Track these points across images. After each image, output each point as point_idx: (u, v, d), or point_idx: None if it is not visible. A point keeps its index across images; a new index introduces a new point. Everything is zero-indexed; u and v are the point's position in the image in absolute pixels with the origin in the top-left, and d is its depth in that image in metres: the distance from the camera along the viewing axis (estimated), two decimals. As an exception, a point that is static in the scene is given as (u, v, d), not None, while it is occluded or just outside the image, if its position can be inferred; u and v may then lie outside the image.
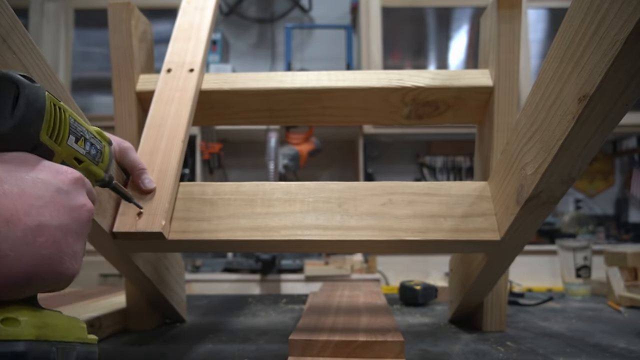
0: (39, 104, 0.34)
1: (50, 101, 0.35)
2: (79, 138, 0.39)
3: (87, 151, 0.41)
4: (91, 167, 0.42)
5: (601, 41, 0.36)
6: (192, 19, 0.79)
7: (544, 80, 0.46)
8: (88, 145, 0.41)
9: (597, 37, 0.37)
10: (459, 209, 0.61)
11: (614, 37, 0.34)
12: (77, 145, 0.39)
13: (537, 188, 0.49)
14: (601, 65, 0.36)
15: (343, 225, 0.60)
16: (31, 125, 0.34)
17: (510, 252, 0.61)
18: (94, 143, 0.42)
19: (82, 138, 0.40)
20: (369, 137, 2.37)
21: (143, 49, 0.76)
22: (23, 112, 0.33)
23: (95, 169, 0.43)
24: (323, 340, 0.53)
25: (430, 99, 0.74)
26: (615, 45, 0.34)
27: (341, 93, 0.74)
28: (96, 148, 0.43)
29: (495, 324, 0.74)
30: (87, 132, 0.41)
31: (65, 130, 0.37)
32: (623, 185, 2.64)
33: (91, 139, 0.42)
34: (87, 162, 0.41)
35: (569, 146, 0.43)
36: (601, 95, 0.38)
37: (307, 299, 0.93)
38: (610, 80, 0.36)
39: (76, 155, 0.39)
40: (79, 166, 0.40)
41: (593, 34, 0.37)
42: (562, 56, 0.42)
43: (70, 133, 0.38)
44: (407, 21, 2.46)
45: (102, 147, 0.44)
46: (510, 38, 0.69)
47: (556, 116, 0.44)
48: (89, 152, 0.41)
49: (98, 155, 0.43)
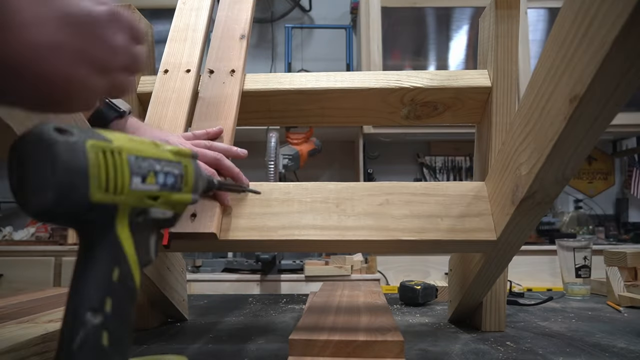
0: (78, 162, 0.29)
1: (95, 151, 0.30)
2: (147, 175, 0.34)
3: (161, 184, 0.36)
4: (172, 198, 0.37)
5: (591, 42, 0.36)
6: (188, 19, 0.80)
7: (537, 82, 0.47)
8: (161, 177, 0.36)
9: (587, 38, 0.37)
10: (455, 209, 0.62)
11: (603, 38, 0.34)
12: (146, 184, 0.34)
13: (531, 188, 0.49)
14: (591, 66, 0.36)
15: (340, 225, 0.61)
16: (74, 191, 0.29)
17: (507, 251, 0.61)
18: (170, 170, 0.37)
19: (150, 173, 0.34)
20: (369, 137, 2.37)
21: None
22: (61, 180, 0.28)
23: (178, 197, 0.38)
24: (323, 340, 0.53)
25: (428, 99, 0.74)
26: (604, 46, 0.34)
27: (340, 94, 0.74)
28: (174, 174, 0.37)
29: (494, 323, 0.74)
30: (157, 162, 0.35)
31: (124, 175, 0.32)
32: (623, 185, 2.64)
33: (164, 167, 0.36)
34: (166, 194, 0.36)
35: (561, 146, 0.43)
36: (592, 96, 0.38)
37: (307, 299, 0.93)
38: (600, 81, 0.36)
39: (148, 194, 0.35)
40: (155, 203, 0.35)
41: (583, 35, 0.37)
42: (554, 58, 0.43)
43: (133, 175, 0.33)
44: (407, 21, 2.46)
45: (183, 168, 0.39)
46: (508, 38, 0.69)
47: (549, 117, 0.44)
48: (165, 183, 0.36)
49: (178, 180, 0.38)
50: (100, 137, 0.31)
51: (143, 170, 0.34)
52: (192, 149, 0.42)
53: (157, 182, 0.35)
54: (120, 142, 0.33)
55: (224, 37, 0.78)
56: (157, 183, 0.35)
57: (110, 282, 0.32)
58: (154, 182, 0.35)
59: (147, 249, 0.37)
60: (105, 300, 0.32)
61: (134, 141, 0.34)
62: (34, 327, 0.60)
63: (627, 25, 0.32)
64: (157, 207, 0.35)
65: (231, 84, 0.72)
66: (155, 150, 0.36)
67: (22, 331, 0.57)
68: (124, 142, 0.33)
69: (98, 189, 0.30)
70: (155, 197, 0.35)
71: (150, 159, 0.35)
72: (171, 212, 0.39)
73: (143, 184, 0.34)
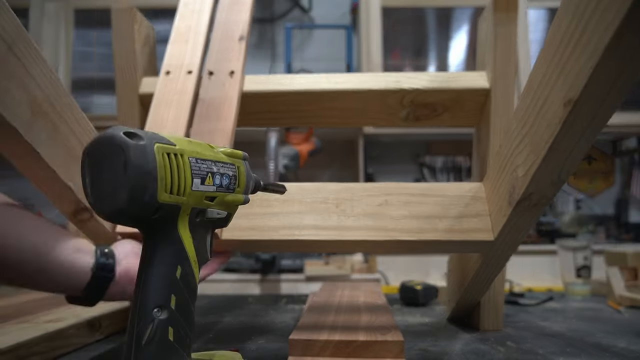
0: (149, 165, 0.30)
1: (162, 154, 0.32)
2: (205, 176, 0.35)
3: (218, 185, 0.37)
4: (227, 198, 0.38)
5: (585, 47, 0.37)
6: (190, 21, 0.80)
7: (533, 85, 0.47)
8: (218, 178, 0.37)
9: (582, 43, 0.37)
10: (453, 210, 0.62)
11: (597, 43, 0.35)
12: (205, 185, 0.35)
13: (527, 190, 0.50)
14: (585, 71, 0.37)
15: (340, 226, 0.61)
16: (145, 192, 0.30)
17: (505, 251, 0.62)
18: (225, 171, 0.38)
19: (208, 175, 0.36)
20: (369, 137, 2.37)
21: (145, 53, 0.77)
22: (134, 181, 0.30)
23: (232, 197, 0.39)
24: (323, 340, 0.53)
25: (427, 101, 0.74)
26: (598, 50, 0.35)
27: (339, 95, 0.74)
28: (228, 176, 0.38)
29: (492, 322, 0.74)
30: (214, 164, 0.37)
31: (187, 177, 0.34)
32: (623, 185, 2.63)
33: (220, 168, 0.37)
34: (221, 195, 0.38)
35: (557, 149, 0.44)
36: (586, 100, 0.38)
37: (307, 299, 0.93)
38: (594, 85, 0.37)
39: (206, 195, 0.36)
40: (212, 204, 0.37)
41: (578, 40, 0.38)
42: (550, 61, 0.43)
43: (194, 177, 0.34)
44: (407, 21, 2.46)
45: (236, 169, 0.40)
46: (507, 41, 0.69)
47: (544, 120, 0.44)
48: (220, 184, 0.37)
49: (232, 181, 0.39)
50: (164, 140, 0.33)
51: (202, 172, 0.35)
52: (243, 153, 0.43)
53: (214, 183, 0.36)
54: (182, 144, 0.34)
55: (223, 38, 0.78)
56: (214, 184, 0.36)
57: (174, 280, 0.34)
58: (212, 183, 0.36)
59: (205, 248, 0.38)
60: (171, 297, 0.33)
61: (192, 143, 0.35)
62: (34, 327, 0.60)
63: (620, 30, 0.32)
64: (214, 207, 0.36)
65: (231, 86, 0.72)
66: (211, 152, 0.37)
67: (22, 331, 0.57)
68: (185, 145, 0.34)
69: (164, 191, 0.31)
70: (212, 197, 0.36)
71: (208, 161, 0.36)
72: (225, 212, 0.39)
73: (202, 185, 0.35)
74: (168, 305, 0.33)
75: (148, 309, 0.32)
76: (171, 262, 0.34)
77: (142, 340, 0.31)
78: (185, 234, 0.35)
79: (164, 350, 0.32)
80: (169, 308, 0.33)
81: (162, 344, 0.32)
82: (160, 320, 0.32)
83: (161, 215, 0.32)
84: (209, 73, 0.74)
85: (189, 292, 0.35)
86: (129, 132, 0.31)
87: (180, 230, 0.35)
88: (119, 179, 0.30)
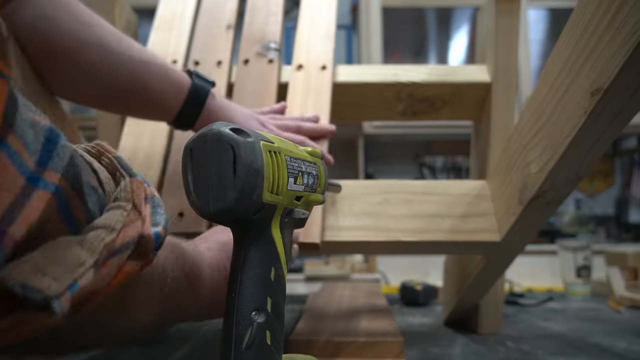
0: (258, 163, 0.29)
1: (267, 152, 0.30)
2: (297, 176, 0.34)
3: (305, 184, 0.36)
4: (311, 198, 0.38)
5: (618, 31, 0.34)
6: (175, 7, 0.76)
7: (552, 74, 0.44)
8: (305, 178, 0.36)
9: (614, 26, 0.34)
10: (457, 209, 0.60)
11: (634, 26, 0.32)
12: (297, 184, 0.34)
13: (542, 187, 0.47)
14: (618, 57, 0.34)
15: (337, 225, 0.59)
16: (254, 191, 0.29)
17: (510, 253, 0.60)
18: (310, 170, 0.37)
19: (299, 174, 0.35)
20: (369, 137, 2.36)
21: None
22: (244, 180, 0.29)
23: (314, 197, 0.38)
24: (323, 341, 0.53)
25: (426, 95, 0.72)
26: (635, 35, 0.32)
27: (335, 89, 0.72)
28: (313, 175, 0.37)
29: (491, 326, 0.72)
30: (303, 164, 0.36)
31: (284, 176, 0.32)
32: (623, 185, 2.63)
33: (307, 168, 0.36)
34: (307, 195, 0.37)
35: (578, 143, 0.41)
36: (616, 89, 0.36)
37: (307, 299, 0.93)
38: (627, 72, 0.34)
39: (296, 195, 0.35)
40: (299, 203, 0.36)
41: (609, 23, 0.35)
42: (573, 48, 0.40)
43: (289, 176, 0.33)
44: (407, 21, 2.46)
45: (317, 168, 0.39)
46: (509, 33, 0.67)
47: (565, 111, 0.42)
48: (307, 184, 0.36)
49: (315, 181, 0.38)
50: (265, 138, 0.31)
51: (295, 171, 0.34)
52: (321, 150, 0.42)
53: (303, 183, 0.36)
54: (278, 142, 0.33)
55: (209, 26, 0.75)
56: (303, 183, 0.35)
57: (269, 282, 0.33)
58: (302, 182, 0.35)
59: (289, 249, 0.37)
60: (267, 299, 0.32)
61: (283, 142, 0.34)
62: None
63: None
64: (299, 207, 0.36)
65: (218, 77, 0.69)
66: (299, 151, 0.36)
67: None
68: (280, 143, 0.33)
69: (267, 190, 0.30)
70: (299, 197, 0.36)
71: (299, 160, 0.35)
72: (308, 212, 0.39)
73: (295, 184, 0.34)
74: (265, 308, 0.32)
75: (247, 312, 0.31)
76: (266, 263, 0.33)
77: (242, 345, 0.30)
78: (277, 234, 0.34)
79: (263, 355, 0.31)
80: (265, 311, 0.32)
81: (261, 348, 0.31)
82: (259, 323, 0.31)
83: (260, 215, 0.31)
84: (194, 63, 0.72)
85: (282, 294, 0.34)
86: (235, 128, 0.30)
87: (273, 230, 0.34)
88: (228, 177, 0.29)
